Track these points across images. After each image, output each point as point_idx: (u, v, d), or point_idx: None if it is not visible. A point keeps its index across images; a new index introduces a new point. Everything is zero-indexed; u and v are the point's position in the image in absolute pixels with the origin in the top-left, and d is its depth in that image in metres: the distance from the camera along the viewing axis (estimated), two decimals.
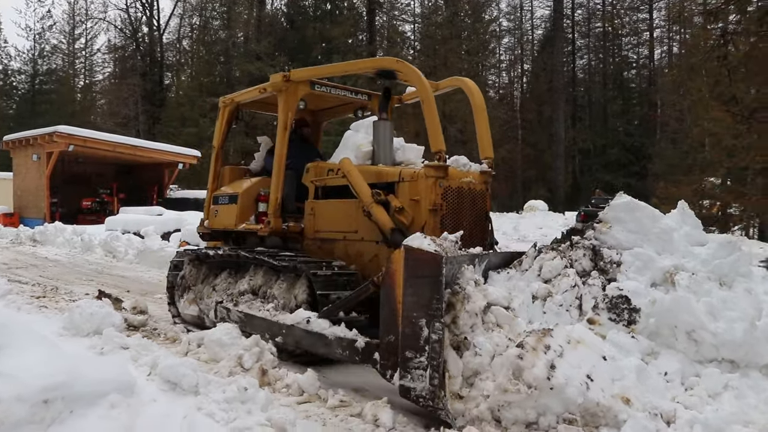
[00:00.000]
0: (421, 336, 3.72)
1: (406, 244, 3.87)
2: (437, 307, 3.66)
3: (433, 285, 3.68)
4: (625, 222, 4.58)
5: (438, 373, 3.60)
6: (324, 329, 4.61)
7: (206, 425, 3.34)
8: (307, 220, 6.24)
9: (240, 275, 6.08)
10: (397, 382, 3.85)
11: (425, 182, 5.13)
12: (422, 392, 3.68)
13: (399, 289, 3.90)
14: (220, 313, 5.87)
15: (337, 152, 6.16)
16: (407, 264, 3.82)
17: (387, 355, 4.00)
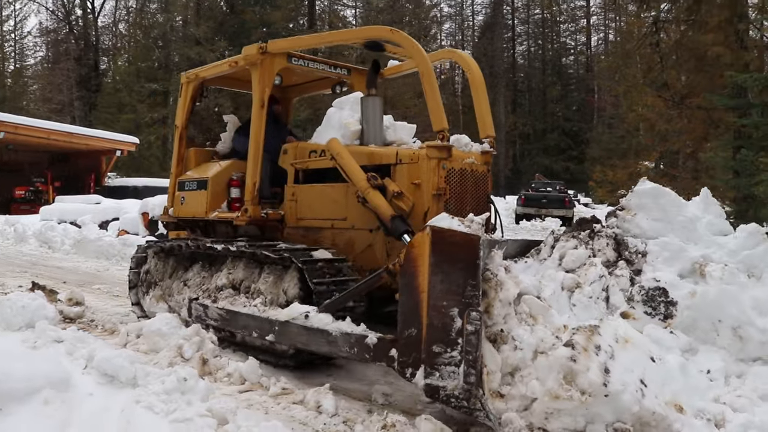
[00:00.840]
0: (452, 328, 3.31)
1: (433, 226, 3.44)
2: (473, 294, 3.26)
3: (469, 270, 3.28)
4: (650, 209, 4.30)
5: (475, 369, 3.21)
6: (327, 325, 4.12)
7: (145, 418, 3.25)
8: (287, 206, 5.70)
9: (216, 268, 5.49)
10: (421, 381, 3.43)
11: (427, 164, 4.70)
12: (454, 391, 3.27)
13: (423, 277, 3.47)
14: (196, 311, 5.27)
15: (320, 131, 5.64)
16: (435, 247, 3.39)
17: (407, 351, 3.57)
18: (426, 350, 3.42)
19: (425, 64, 4.66)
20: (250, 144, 5.55)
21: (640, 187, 4.28)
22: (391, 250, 4.91)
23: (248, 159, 5.57)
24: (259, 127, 5.52)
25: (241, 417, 3.36)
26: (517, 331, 3.39)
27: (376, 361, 3.86)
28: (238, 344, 5.17)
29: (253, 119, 5.54)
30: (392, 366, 3.71)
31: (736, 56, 12.45)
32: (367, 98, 5.37)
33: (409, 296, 3.58)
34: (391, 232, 4.57)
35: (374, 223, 4.97)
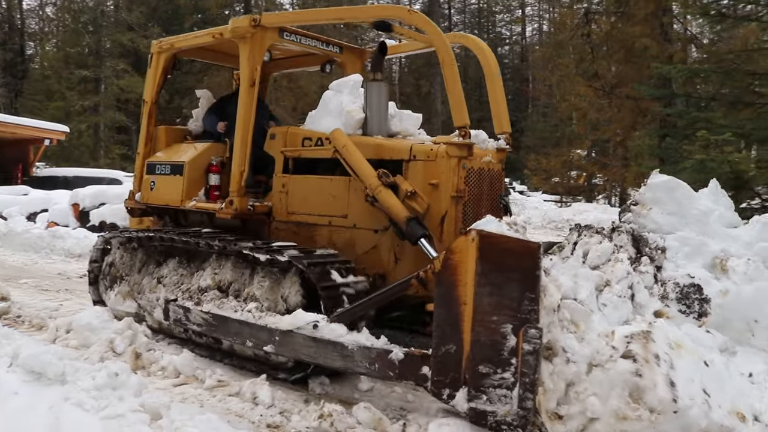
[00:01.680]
0: (504, 346, 2.94)
1: (481, 230, 3.04)
2: (531, 309, 2.88)
3: (526, 282, 2.91)
4: (664, 203, 4.06)
5: (532, 393, 2.84)
6: (340, 336, 3.66)
7: (74, 415, 3.14)
8: (276, 198, 5.17)
9: (197, 266, 4.91)
10: (464, 404, 3.04)
11: (447, 163, 4.29)
12: (507, 417, 2.90)
13: (465, 287, 3.08)
14: (175, 313, 4.68)
15: (315, 117, 5.12)
16: (484, 255, 2.99)
17: (444, 370, 3.17)
18: (470, 370, 3.03)
19: (447, 51, 4.24)
20: (237, 127, 4.98)
21: (654, 180, 4.01)
22: (400, 254, 4.49)
23: (235, 144, 4.99)
24: (248, 109, 4.95)
25: (176, 411, 3.28)
26: (567, 341, 3.04)
27: (402, 379, 3.45)
28: (224, 353, 4.63)
29: (241, 99, 4.97)
30: (423, 386, 3.31)
31: (661, 48, 12.85)
32: (371, 83, 4.89)
33: (447, 308, 3.18)
34: (407, 235, 4.14)
35: (380, 224, 4.54)
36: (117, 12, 36.80)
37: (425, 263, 4.29)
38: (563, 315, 3.26)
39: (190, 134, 6.01)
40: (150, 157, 5.84)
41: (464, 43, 5.22)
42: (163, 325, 5.05)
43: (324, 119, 4.99)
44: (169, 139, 5.87)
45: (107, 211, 12.44)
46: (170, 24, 35.15)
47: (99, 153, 29.71)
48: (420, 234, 4.10)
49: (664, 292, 3.71)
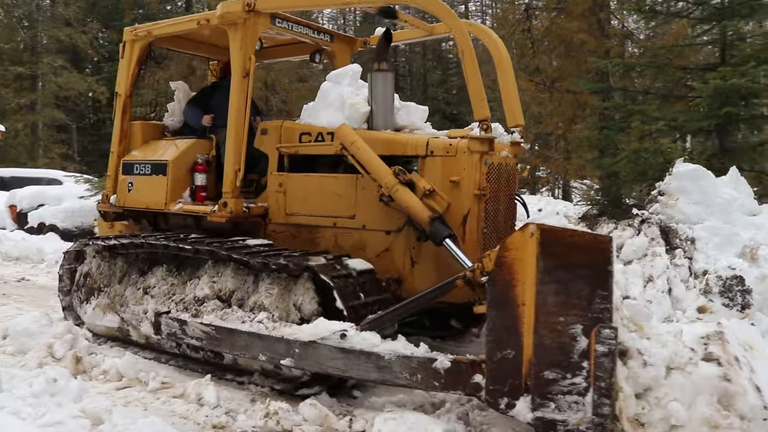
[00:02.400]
0: (573, 349, 2.72)
1: (542, 225, 2.81)
2: (604, 307, 2.67)
3: (598, 278, 2.69)
4: (690, 193, 3.99)
5: (609, 398, 2.63)
6: (375, 346, 3.35)
7: (10, 425, 3.00)
8: (272, 198, 4.79)
9: (190, 274, 4.47)
10: (527, 414, 2.80)
11: (469, 159, 4.05)
12: (580, 426, 2.68)
13: (524, 286, 2.85)
14: (168, 327, 4.24)
15: (312, 110, 4.77)
16: (547, 251, 2.76)
17: (501, 378, 2.92)
18: (535, 376, 2.79)
19: (466, 40, 3.99)
20: (230, 122, 4.57)
21: (680, 169, 3.91)
22: (417, 256, 4.23)
23: (228, 140, 4.59)
24: (242, 102, 4.56)
25: (118, 415, 3.21)
26: (641, 343, 2.85)
27: (450, 390, 3.17)
28: (224, 368, 4.23)
29: (234, 92, 4.57)
30: (476, 395, 3.05)
31: (598, 43, 13.26)
32: (377, 73, 4.58)
33: (502, 310, 2.93)
34: (431, 236, 3.88)
35: (393, 224, 4.26)
36: (53, 6, 34.94)
37: (445, 266, 4.08)
38: (623, 313, 3.08)
39: (167, 130, 5.54)
40: (126, 155, 5.33)
41: (474, 32, 4.97)
42: (151, 340, 4.59)
43: (323, 113, 4.66)
44: (145, 136, 5.38)
45: (46, 212, 11.64)
46: (110, 19, 33.72)
47: (37, 152, 27.97)
48: (445, 234, 3.85)
49: (706, 286, 3.61)
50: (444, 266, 4.14)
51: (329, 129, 4.54)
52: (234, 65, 4.60)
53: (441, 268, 4.17)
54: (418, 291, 4.20)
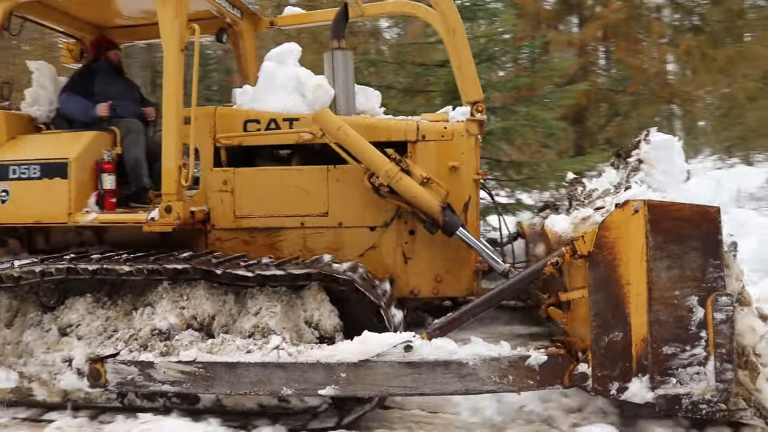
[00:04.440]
0: (690, 321, 2.76)
1: (648, 200, 2.79)
2: (718, 276, 2.76)
3: (709, 248, 2.76)
4: (663, 161, 4.22)
5: (731, 363, 2.73)
6: (453, 353, 2.96)
7: None
8: (214, 200, 3.93)
9: (133, 302, 3.42)
10: (647, 394, 2.79)
11: (467, 142, 3.83)
12: (705, 395, 2.74)
13: (629, 265, 2.83)
14: (119, 374, 3.17)
15: (256, 94, 4.01)
16: (656, 227, 2.75)
17: (609, 363, 2.85)
18: (653, 354, 2.76)
19: (456, 17, 3.76)
20: (166, 108, 3.59)
21: (657, 138, 4.06)
22: (411, 251, 3.88)
23: (165, 131, 3.61)
24: (178, 82, 3.62)
25: None
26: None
27: (547, 386, 2.96)
28: (198, 413, 3.34)
29: (169, 71, 3.59)
30: (581, 386, 2.90)
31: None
32: (337, 52, 4.04)
33: (606, 292, 2.86)
34: (445, 226, 3.59)
35: (378, 219, 3.87)
36: None
37: (443, 259, 3.83)
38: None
39: (35, 121, 4.15)
40: None
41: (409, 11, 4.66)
42: (73, 396, 3.41)
43: (273, 96, 3.97)
44: (11, 130, 3.93)
45: None
46: None
47: None
48: (460, 223, 3.61)
49: None
50: (440, 261, 3.89)
51: (287, 115, 3.90)
52: (168, 38, 3.61)
53: (437, 262, 3.90)
54: (413, 289, 3.90)
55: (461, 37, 3.80)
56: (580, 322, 3.05)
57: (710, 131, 17.60)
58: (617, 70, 11.05)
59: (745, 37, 11.36)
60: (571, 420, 3.20)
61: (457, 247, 3.85)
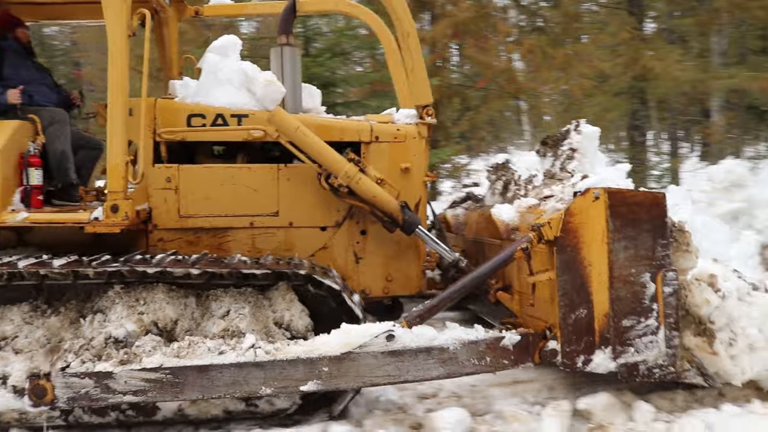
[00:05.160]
0: (644, 295, 3.09)
1: (607, 188, 3.08)
2: (665, 254, 3.11)
3: (658, 229, 3.11)
4: (590, 151, 4.53)
5: (678, 330, 3.09)
6: (434, 339, 3.03)
7: None
8: (158, 198, 3.69)
9: (78, 309, 3.10)
10: (610, 363, 3.06)
11: (419, 144, 3.95)
12: (657, 360, 3.07)
13: (591, 248, 3.10)
14: (71, 389, 2.85)
15: (199, 88, 3.83)
16: (616, 211, 3.05)
17: (576, 338, 3.10)
18: (614, 328, 3.04)
19: (410, 20, 3.89)
20: (112, 99, 3.30)
21: (586, 129, 4.36)
22: (362, 251, 3.93)
23: (110, 124, 3.32)
24: (124, 72, 3.36)
25: None
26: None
27: (520, 364, 3.14)
28: (157, 425, 3.12)
29: (116, 58, 3.32)
30: (551, 361, 3.11)
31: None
32: (285, 48, 3.98)
33: (571, 273, 3.12)
34: (406, 225, 3.69)
35: (329, 219, 3.88)
36: None
37: (394, 257, 3.93)
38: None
39: None
40: None
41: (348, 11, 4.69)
42: (4, 417, 3.02)
43: (218, 91, 3.82)
44: None
45: None
46: None
47: None
48: (418, 221, 3.72)
49: None
50: (392, 260, 3.97)
51: (234, 111, 3.78)
52: (112, 21, 3.35)
53: (388, 262, 3.97)
54: (365, 289, 3.94)
55: (414, 42, 3.93)
56: (543, 302, 3.28)
57: (555, 125, 18.95)
58: (468, 66, 11.84)
59: (583, 39, 12.62)
60: (426, 406, 3.39)
61: (406, 247, 3.96)
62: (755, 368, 3.12)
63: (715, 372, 3.13)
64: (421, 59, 3.96)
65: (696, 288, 3.11)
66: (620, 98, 13.48)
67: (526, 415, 3.16)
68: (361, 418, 3.20)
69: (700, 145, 17.50)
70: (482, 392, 3.54)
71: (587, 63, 10.89)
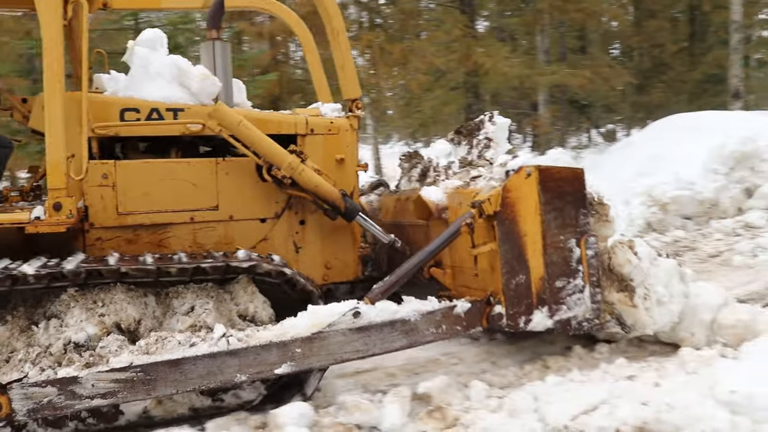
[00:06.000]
0: (572, 258, 3.52)
1: (538, 166, 3.47)
2: (586, 222, 3.57)
3: (579, 201, 3.55)
4: (502, 140, 4.93)
5: (600, 287, 3.56)
6: (396, 313, 3.25)
7: None
8: (94, 195, 3.55)
9: (27, 315, 2.93)
10: (547, 321, 3.47)
11: (351, 136, 4.15)
12: (586, 314, 3.53)
13: (526, 219, 3.47)
14: (31, 400, 2.70)
15: (130, 82, 3.71)
16: (546, 186, 3.45)
17: (517, 301, 3.47)
18: (549, 289, 3.45)
19: (340, 17, 4.04)
20: (49, 91, 3.12)
21: (500, 120, 4.67)
22: (301, 241, 4.05)
23: (48, 117, 3.13)
24: (59, 62, 3.18)
25: None
26: None
27: (471, 328, 3.45)
28: (121, 429, 3.05)
29: (50, 46, 3.14)
30: (498, 324, 3.46)
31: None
32: (217, 43, 3.95)
33: (511, 243, 3.48)
34: (347, 212, 3.88)
35: (268, 211, 3.97)
36: None
37: (332, 245, 4.10)
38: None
39: None
40: None
41: (270, 10, 4.72)
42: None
43: (150, 85, 3.74)
44: None
45: None
46: None
47: None
48: (359, 208, 3.92)
49: None
50: (330, 248, 4.13)
51: (170, 105, 3.72)
52: (45, 8, 3.15)
53: (327, 250, 4.13)
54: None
55: (344, 39, 4.10)
56: (484, 272, 3.61)
57: (396, 119, 19.73)
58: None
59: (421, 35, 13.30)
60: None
61: (343, 234, 4.14)
62: (662, 320, 3.67)
63: (632, 323, 3.65)
64: (350, 55, 4.15)
65: (620, 250, 3.61)
66: (456, 92, 14.27)
67: (367, 404, 3.18)
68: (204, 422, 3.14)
69: (531, 137, 18.88)
70: (326, 385, 3.54)
71: (423, 59, 11.47)
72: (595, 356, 3.81)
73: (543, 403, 3.06)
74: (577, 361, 3.72)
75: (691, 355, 3.49)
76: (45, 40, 3.16)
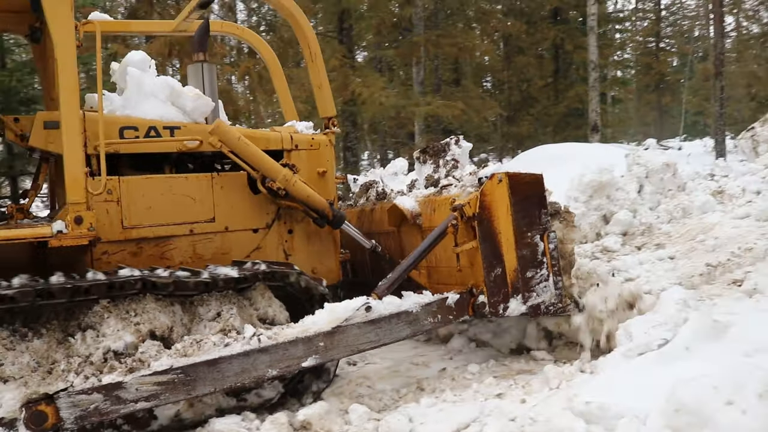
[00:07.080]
0: (538, 251, 4.11)
1: (508, 172, 4.03)
2: (547, 219, 4.17)
3: (541, 201, 4.14)
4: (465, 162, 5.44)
5: (561, 276, 4.17)
6: (401, 306, 3.65)
7: None
8: (99, 210, 3.63)
9: (63, 329, 3.01)
10: (521, 307, 4.01)
11: (330, 151, 4.51)
12: (552, 299, 4.11)
13: (500, 219, 4.00)
14: (76, 409, 2.81)
15: (126, 101, 3.83)
16: (514, 190, 4.01)
17: (497, 291, 3.99)
18: (521, 279, 4.00)
19: (316, 43, 4.39)
20: (66, 109, 3.22)
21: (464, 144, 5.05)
22: (290, 248, 4.35)
23: (65, 134, 3.22)
24: (75, 82, 3.29)
25: None
26: None
27: (461, 316, 3.91)
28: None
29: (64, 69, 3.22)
30: (482, 312, 3.95)
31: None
32: (206, 65, 4.15)
33: (489, 241, 3.99)
34: (335, 220, 4.23)
35: (260, 221, 4.24)
36: None
37: (318, 252, 4.45)
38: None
39: None
40: None
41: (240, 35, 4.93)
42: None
43: (146, 104, 3.91)
44: None
45: None
46: None
47: None
48: (345, 216, 4.28)
49: None
50: (316, 254, 4.44)
51: (166, 123, 3.91)
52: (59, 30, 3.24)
53: (313, 256, 4.44)
54: None
55: (320, 62, 4.45)
56: (466, 268, 4.10)
57: None
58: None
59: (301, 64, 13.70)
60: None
61: (327, 241, 4.47)
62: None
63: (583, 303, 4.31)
64: (326, 77, 4.51)
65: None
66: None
67: None
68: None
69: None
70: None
71: (300, 87, 11.73)
72: (467, 377, 3.96)
73: (417, 424, 3.18)
74: (449, 382, 3.84)
75: (554, 372, 3.62)
76: (60, 62, 3.28)
